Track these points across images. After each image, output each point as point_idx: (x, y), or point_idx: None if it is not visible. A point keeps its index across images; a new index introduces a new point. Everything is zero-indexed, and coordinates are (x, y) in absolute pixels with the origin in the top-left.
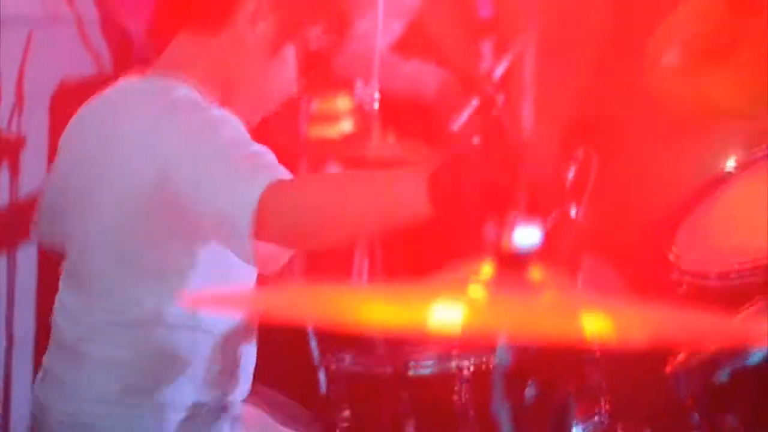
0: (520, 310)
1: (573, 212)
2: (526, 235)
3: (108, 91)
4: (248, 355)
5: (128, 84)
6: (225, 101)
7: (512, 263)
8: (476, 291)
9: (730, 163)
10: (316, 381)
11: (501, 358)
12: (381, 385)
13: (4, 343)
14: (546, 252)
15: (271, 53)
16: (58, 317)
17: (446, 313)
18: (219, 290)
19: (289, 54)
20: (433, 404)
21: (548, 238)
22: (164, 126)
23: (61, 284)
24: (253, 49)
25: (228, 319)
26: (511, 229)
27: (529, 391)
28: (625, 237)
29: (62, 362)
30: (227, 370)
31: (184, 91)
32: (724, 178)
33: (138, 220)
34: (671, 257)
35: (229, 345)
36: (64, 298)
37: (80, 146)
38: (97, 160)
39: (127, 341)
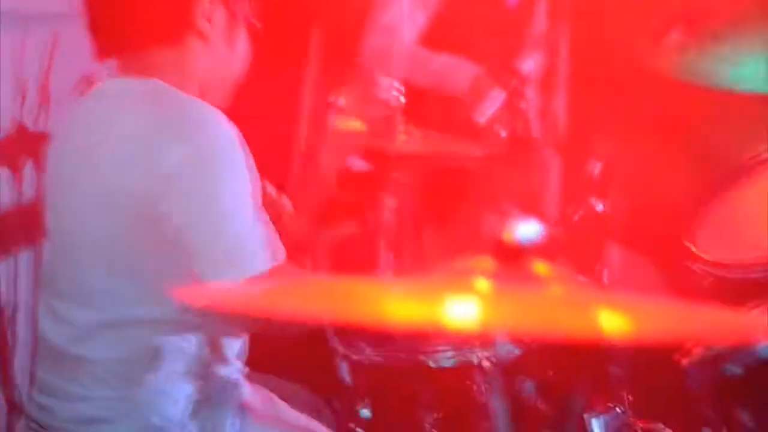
0: (523, 304)
1: (599, 206)
2: (527, 229)
3: (100, 90)
4: (241, 343)
5: (120, 84)
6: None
7: (514, 257)
8: (482, 284)
9: (759, 153)
10: (337, 372)
11: (502, 352)
12: (401, 376)
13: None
14: (556, 246)
15: (229, 40)
16: (45, 324)
17: (459, 307)
18: (227, 287)
19: (241, 33)
20: (454, 397)
21: (573, 232)
22: (171, 142)
23: (43, 291)
24: (215, 43)
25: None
26: (512, 223)
27: (528, 387)
28: (649, 230)
29: (57, 367)
30: (222, 360)
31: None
32: (748, 170)
33: (126, 227)
34: (694, 249)
35: (221, 336)
36: (50, 303)
37: (70, 145)
38: (87, 161)
39: (118, 340)
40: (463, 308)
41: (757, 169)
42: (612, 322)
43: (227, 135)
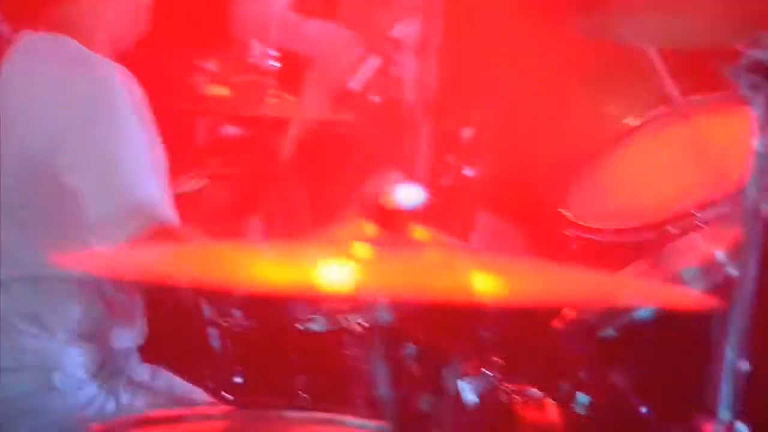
0: (402, 268)
1: (469, 172)
2: (407, 194)
3: (15, 48)
4: (136, 310)
5: (31, 42)
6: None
7: (393, 222)
8: (361, 249)
9: (627, 123)
10: (208, 338)
11: (382, 316)
12: (273, 342)
13: None
14: (434, 211)
15: None
16: None
17: (334, 271)
18: (105, 250)
19: None
20: (326, 362)
21: (442, 197)
22: (69, 99)
23: None
24: None
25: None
26: (392, 188)
27: (409, 350)
28: (520, 194)
29: None
30: (119, 327)
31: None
32: (619, 139)
33: (29, 184)
34: (567, 214)
35: (113, 301)
36: None
37: None
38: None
39: (27, 295)
40: (337, 272)
41: (627, 137)
42: (486, 286)
43: (126, 93)
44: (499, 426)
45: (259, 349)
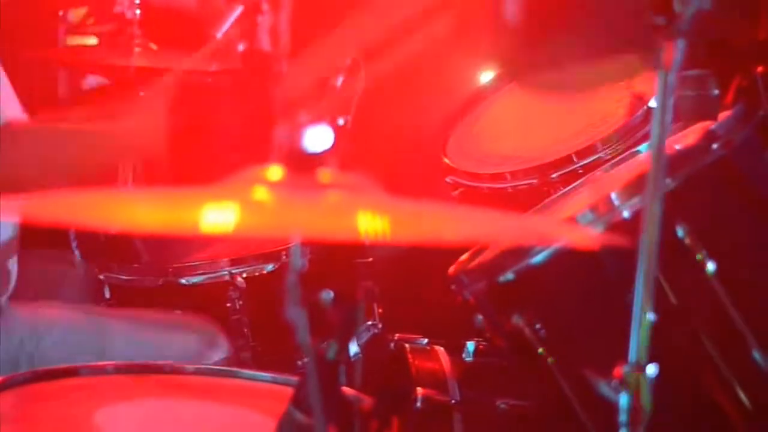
0: (306, 211)
1: (342, 120)
2: (316, 137)
3: None
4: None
5: None
6: None
7: (301, 165)
8: (261, 193)
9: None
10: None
11: (295, 261)
12: (153, 295)
13: None
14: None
15: None
16: None
17: (221, 215)
18: None
19: None
20: (208, 314)
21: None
22: None
23: None
24: None
25: None
26: (302, 131)
27: (325, 296)
28: (398, 143)
29: None
30: None
31: None
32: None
33: None
34: (446, 161)
35: None
36: None
37: None
38: None
39: None
40: (222, 215)
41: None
42: (379, 227)
43: None
44: (387, 375)
45: (141, 302)
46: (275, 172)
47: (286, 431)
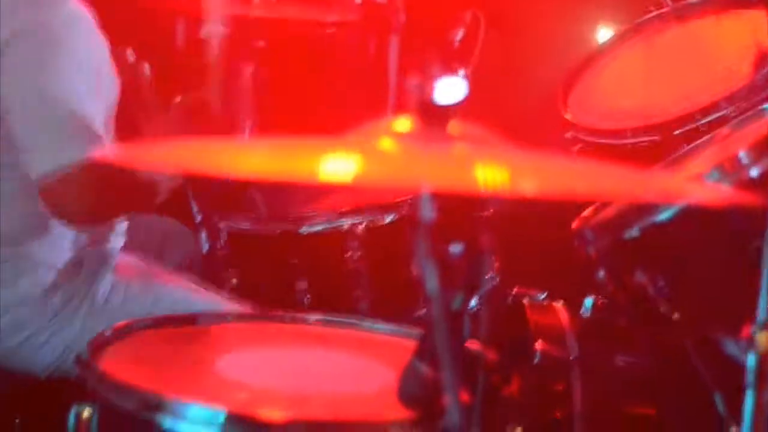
0: (431, 162)
1: (463, 74)
2: (448, 89)
3: None
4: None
5: None
6: None
7: (432, 116)
8: (387, 144)
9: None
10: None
11: (425, 212)
12: (270, 244)
13: None
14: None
15: None
16: None
17: (340, 165)
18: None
19: None
20: (325, 264)
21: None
22: (5, 19)
23: None
24: None
25: None
26: (434, 82)
27: (454, 247)
28: (517, 99)
29: None
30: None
31: None
32: (615, 43)
33: None
34: (566, 116)
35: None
36: None
37: None
38: None
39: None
40: (342, 165)
41: (621, 41)
42: (502, 181)
43: (67, 13)
44: (504, 329)
45: (256, 250)
46: (403, 123)
47: (409, 383)
